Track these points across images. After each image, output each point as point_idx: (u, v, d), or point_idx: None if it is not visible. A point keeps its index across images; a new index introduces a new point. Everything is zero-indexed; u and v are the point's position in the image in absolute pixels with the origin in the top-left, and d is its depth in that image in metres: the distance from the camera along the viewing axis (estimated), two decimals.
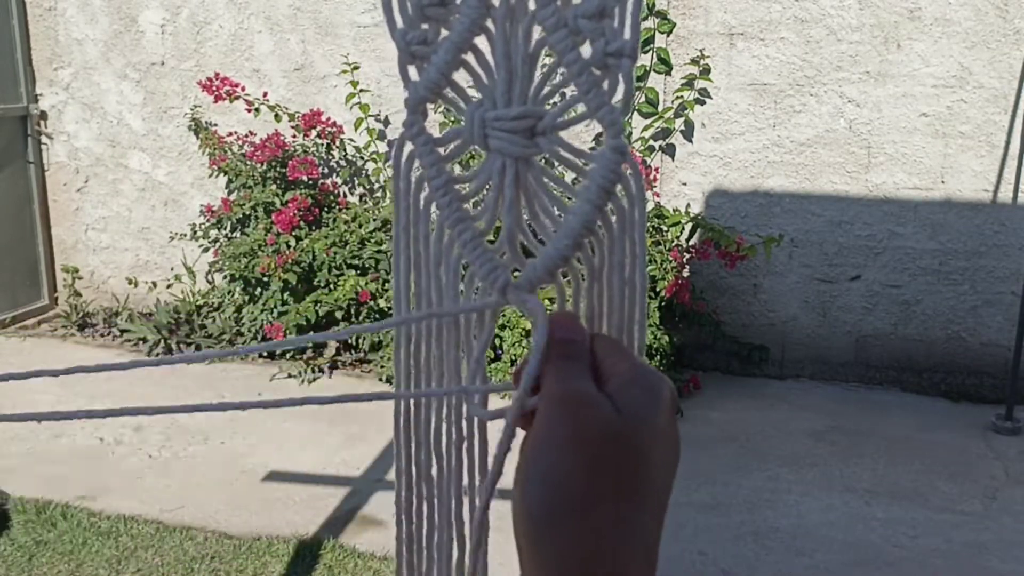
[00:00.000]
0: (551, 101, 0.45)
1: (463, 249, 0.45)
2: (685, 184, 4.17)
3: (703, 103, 4.06)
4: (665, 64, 4.04)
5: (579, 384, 0.39)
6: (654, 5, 3.99)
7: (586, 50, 0.42)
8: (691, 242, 4.02)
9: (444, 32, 0.44)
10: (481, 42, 0.44)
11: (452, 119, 3.54)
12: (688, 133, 4.12)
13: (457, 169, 0.48)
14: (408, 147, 0.46)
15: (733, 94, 4.05)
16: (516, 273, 0.46)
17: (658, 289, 3.74)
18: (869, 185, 3.99)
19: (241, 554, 2.69)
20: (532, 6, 0.43)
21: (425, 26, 0.44)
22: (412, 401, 0.48)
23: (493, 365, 3.91)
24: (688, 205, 4.08)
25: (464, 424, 0.48)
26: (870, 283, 4.08)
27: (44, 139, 4.88)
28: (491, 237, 0.47)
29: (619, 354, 0.41)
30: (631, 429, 0.38)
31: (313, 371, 4.06)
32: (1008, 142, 3.83)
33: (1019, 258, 3.90)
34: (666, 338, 3.73)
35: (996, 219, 3.90)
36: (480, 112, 0.44)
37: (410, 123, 0.46)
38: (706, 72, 3.97)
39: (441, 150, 0.46)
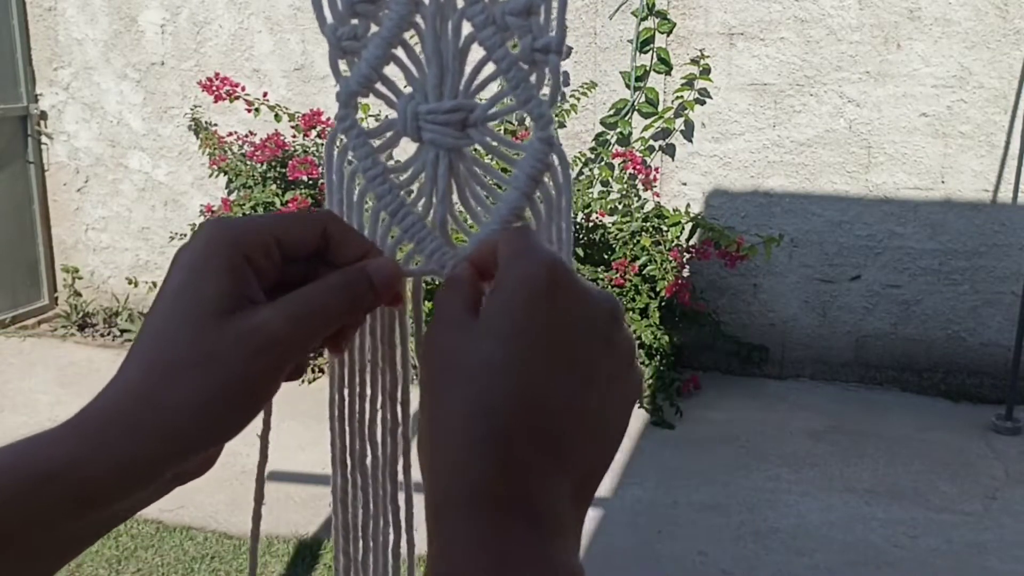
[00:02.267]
0: (480, 95, 0.46)
1: (405, 233, 0.47)
2: (685, 184, 4.17)
3: (703, 103, 4.06)
4: (665, 64, 4.04)
5: (440, 328, 0.41)
6: (654, 5, 3.99)
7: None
8: (691, 242, 4.02)
9: (374, 27, 0.46)
10: (411, 37, 0.46)
11: None
12: (688, 133, 4.12)
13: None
14: (340, 141, 0.48)
15: (733, 94, 4.05)
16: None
17: (658, 289, 3.74)
18: (869, 185, 3.99)
19: (241, 554, 2.69)
20: (460, 3, 0.44)
21: (355, 21, 0.46)
22: (346, 391, 0.49)
23: None
24: (688, 205, 4.08)
25: (399, 409, 0.50)
26: (870, 283, 4.08)
27: (44, 139, 4.88)
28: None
29: (507, 242, 0.41)
30: (475, 344, 0.38)
31: (313, 371, 4.06)
32: (1008, 142, 3.83)
33: (1019, 258, 3.90)
34: (666, 338, 3.73)
35: (996, 219, 3.90)
36: (412, 105, 0.46)
37: (342, 116, 0.47)
38: (706, 72, 3.97)
39: (373, 142, 0.47)
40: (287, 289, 0.42)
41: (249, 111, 4.38)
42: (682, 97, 4.05)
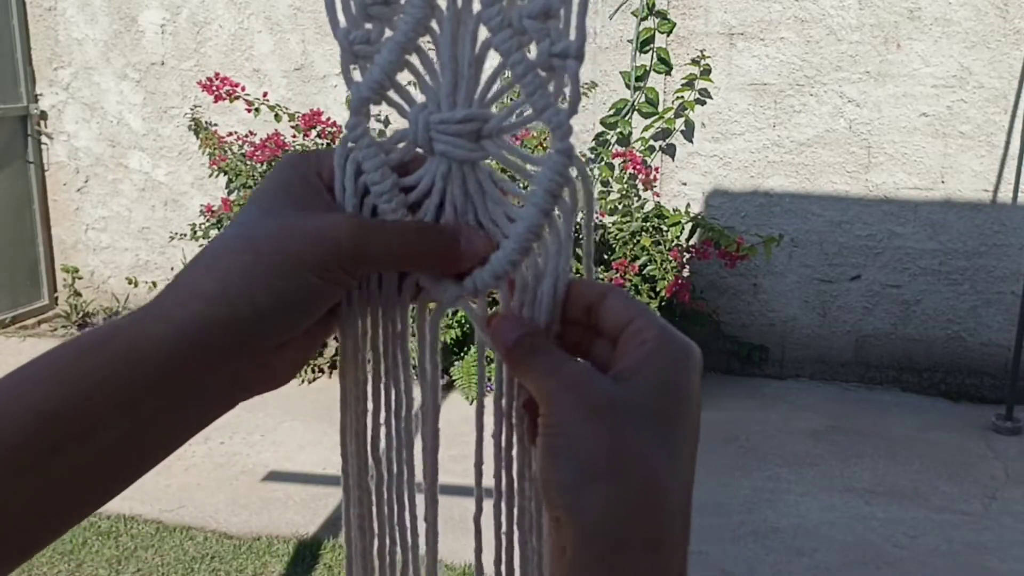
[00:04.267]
0: (496, 104, 0.44)
1: None
2: (685, 184, 4.17)
3: (703, 103, 4.06)
4: (665, 64, 4.04)
5: (572, 366, 0.41)
6: (654, 5, 3.99)
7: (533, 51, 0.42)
8: (691, 242, 4.02)
9: (388, 32, 0.44)
10: (425, 43, 0.44)
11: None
12: (688, 133, 4.12)
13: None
14: (351, 148, 0.45)
15: (733, 94, 4.05)
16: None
17: (658, 289, 3.74)
18: (869, 185, 3.99)
19: (241, 554, 2.69)
20: (477, 7, 0.42)
21: (368, 26, 0.43)
22: (358, 411, 0.48)
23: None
24: (688, 205, 4.08)
25: (403, 433, 0.48)
26: (870, 283, 4.08)
27: (44, 139, 4.88)
28: None
29: (642, 316, 0.42)
30: (650, 399, 0.39)
31: (313, 371, 4.06)
32: (1008, 142, 3.83)
33: (1019, 258, 3.90)
34: None
35: (996, 219, 3.90)
36: (424, 115, 0.44)
37: (352, 124, 0.44)
38: (706, 72, 3.97)
39: (384, 154, 0.45)
40: None
41: (249, 111, 4.38)
42: (682, 97, 4.05)
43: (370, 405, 0.48)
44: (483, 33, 0.43)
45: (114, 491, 0.40)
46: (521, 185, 0.45)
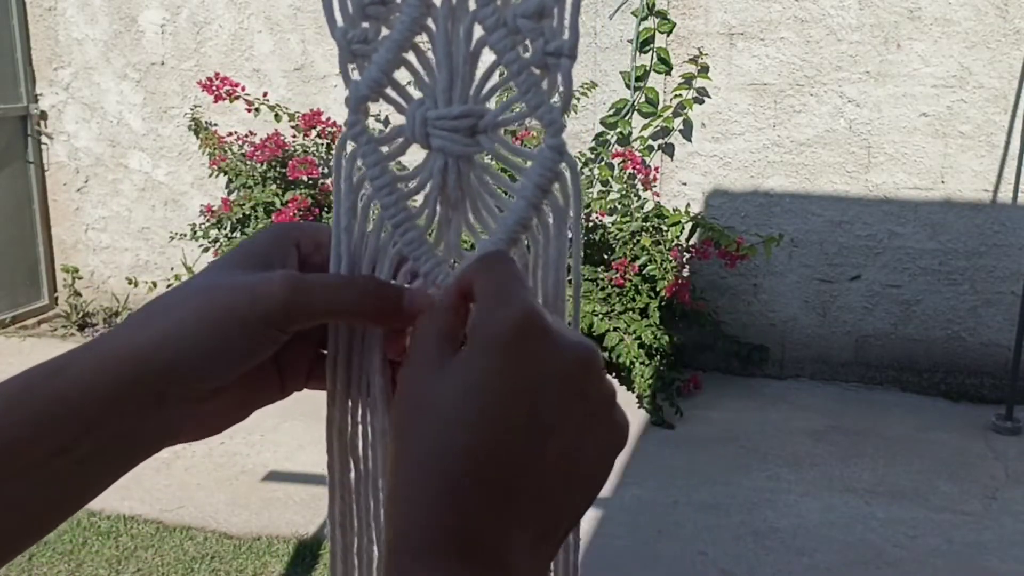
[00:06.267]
0: (492, 100, 0.45)
1: (406, 248, 0.46)
2: (685, 184, 4.17)
3: (702, 103, 4.06)
4: (665, 64, 4.04)
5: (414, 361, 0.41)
6: (654, 5, 3.99)
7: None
8: (691, 242, 4.02)
9: (385, 31, 0.45)
10: (422, 41, 0.45)
11: None
12: (688, 133, 4.12)
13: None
14: (350, 146, 0.46)
15: (733, 94, 4.05)
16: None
17: (658, 289, 3.74)
18: (869, 185, 3.99)
19: (241, 554, 2.69)
20: (472, 6, 0.43)
21: (365, 25, 0.44)
22: (340, 408, 0.49)
23: None
24: (688, 205, 4.08)
25: (379, 429, 0.48)
26: (870, 283, 4.08)
27: (44, 139, 4.88)
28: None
29: (479, 300, 0.40)
30: (440, 388, 0.38)
31: None
32: (1008, 142, 3.83)
33: (1019, 258, 3.90)
34: (666, 338, 3.73)
35: (996, 219, 3.90)
36: (421, 111, 0.45)
37: (352, 122, 0.46)
38: (705, 71, 3.97)
39: (382, 149, 0.46)
40: None
41: (249, 111, 4.38)
42: (681, 96, 4.05)
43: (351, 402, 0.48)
44: (477, 31, 0.44)
45: (43, 529, 0.41)
46: (516, 181, 0.46)
